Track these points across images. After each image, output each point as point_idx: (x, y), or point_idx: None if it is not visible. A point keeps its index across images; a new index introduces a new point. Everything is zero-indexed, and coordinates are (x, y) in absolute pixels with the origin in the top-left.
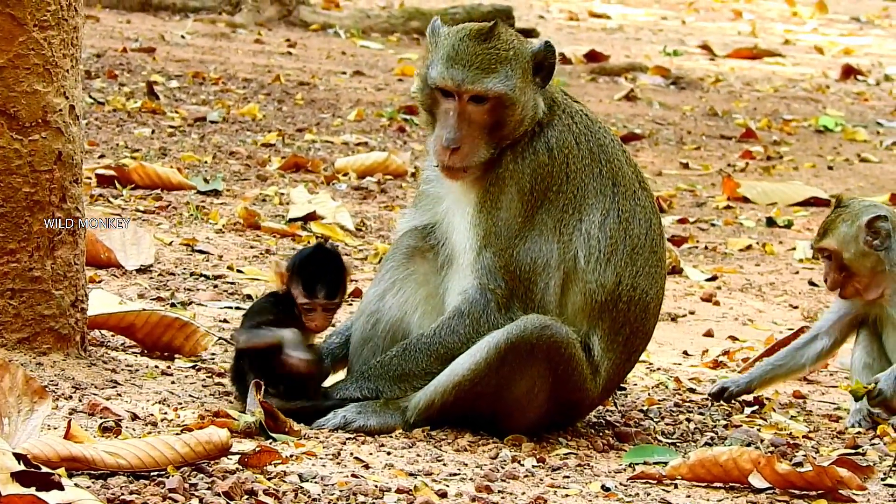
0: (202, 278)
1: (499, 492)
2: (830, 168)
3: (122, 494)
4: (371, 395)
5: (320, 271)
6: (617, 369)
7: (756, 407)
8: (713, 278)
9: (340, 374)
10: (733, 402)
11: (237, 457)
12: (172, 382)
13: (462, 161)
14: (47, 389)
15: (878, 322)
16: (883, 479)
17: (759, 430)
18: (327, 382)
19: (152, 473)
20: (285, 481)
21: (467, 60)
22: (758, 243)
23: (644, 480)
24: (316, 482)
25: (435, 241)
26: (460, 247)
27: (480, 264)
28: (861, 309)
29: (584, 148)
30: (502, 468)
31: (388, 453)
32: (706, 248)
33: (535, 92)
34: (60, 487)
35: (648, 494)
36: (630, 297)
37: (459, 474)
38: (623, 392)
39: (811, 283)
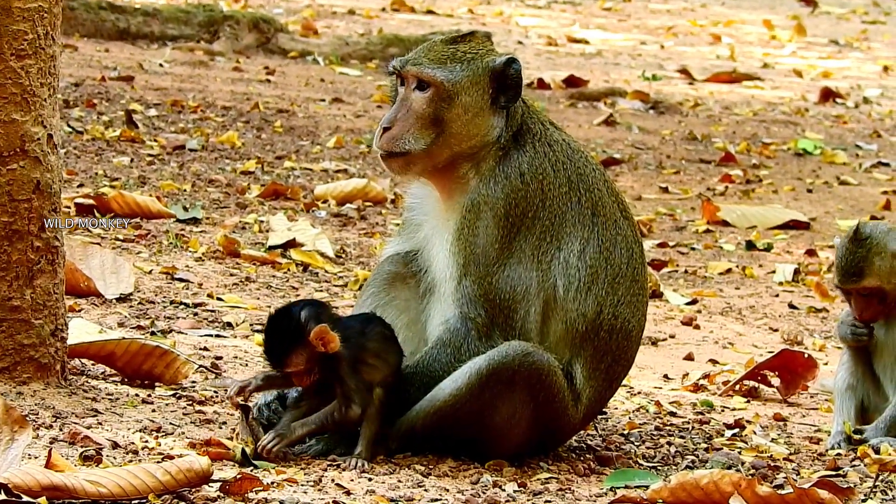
0: (182, 306)
1: None
2: (810, 191)
3: None
4: None
5: (265, 337)
6: (598, 396)
7: (737, 430)
8: (693, 302)
9: None
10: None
11: (218, 484)
12: (153, 411)
13: (390, 142)
14: (27, 419)
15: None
16: (864, 501)
17: (739, 452)
18: None
19: (133, 502)
20: None
21: (425, 51)
22: (738, 267)
23: None
24: None
25: (417, 268)
26: (441, 275)
27: (461, 293)
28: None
29: (562, 176)
30: (483, 493)
31: (370, 479)
32: (686, 271)
33: (494, 109)
34: None
35: None
36: (612, 326)
37: (441, 500)
38: (604, 416)
39: (791, 306)
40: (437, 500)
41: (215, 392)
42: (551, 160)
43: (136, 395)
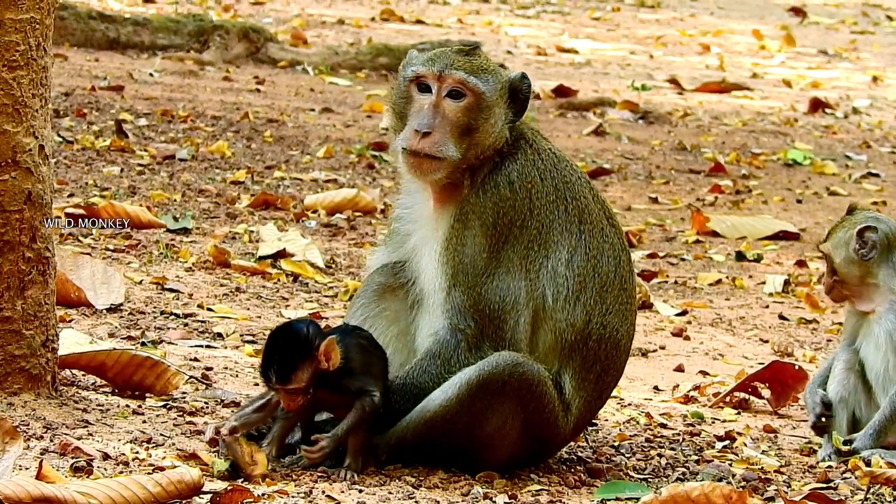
0: (172, 317)
1: None
2: (799, 201)
3: None
4: None
5: (271, 353)
6: (588, 406)
7: (727, 441)
8: (683, 313)
9: None
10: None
11: (209, 496)
12: (143, 422)
13: (432, 146)
14: (18, 430)
15: (864, 342)
16: None
17: (730, 464)
18: None
19: None
20: None
21: (450, 58)
22: (728, 277)
23: None
24: None
25: (405, 279)
26: (429, 286)
27: (450, 304)
28: (857, 324)
29: (549, 184)
30: None
31: (360, 491)
32: (676, 282)
33: (505, 119)
34: None
35: None
36: (601, 336)
37: None
38: (594, 428)
39: (781, 317)
40: None
41: (205, 403)
42: (539, 168)
43: (127, 405)
